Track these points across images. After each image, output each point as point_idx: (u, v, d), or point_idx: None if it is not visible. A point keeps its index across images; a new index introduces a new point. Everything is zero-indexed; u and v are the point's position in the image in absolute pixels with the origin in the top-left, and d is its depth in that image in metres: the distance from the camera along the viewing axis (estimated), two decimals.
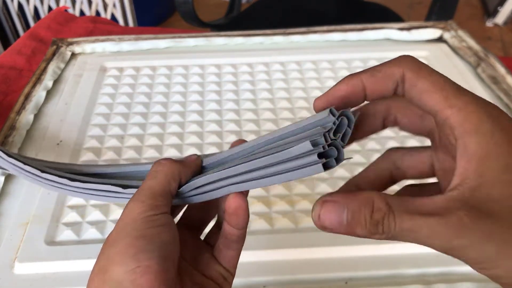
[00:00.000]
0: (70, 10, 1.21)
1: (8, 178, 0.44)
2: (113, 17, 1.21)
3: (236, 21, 1.06)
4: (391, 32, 0.66)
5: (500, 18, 1.87)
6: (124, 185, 0.25)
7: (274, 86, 0.58)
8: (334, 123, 0.19)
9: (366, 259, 0.37)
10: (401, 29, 0.66)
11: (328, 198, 0.18)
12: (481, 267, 0.16)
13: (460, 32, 0.65)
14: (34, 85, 0.55)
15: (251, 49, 0.65)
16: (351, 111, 0.19)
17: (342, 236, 0.38)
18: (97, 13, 1.23)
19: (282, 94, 0.56)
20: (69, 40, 0.64)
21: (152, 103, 0.55)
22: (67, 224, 0.40)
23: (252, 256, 0.37)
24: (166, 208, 0.21)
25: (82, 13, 1.23)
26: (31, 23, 1.28)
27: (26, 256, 0.37)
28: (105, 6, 1.22)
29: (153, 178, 0.22)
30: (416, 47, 0.65)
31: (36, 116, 0.53)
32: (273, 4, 1.11)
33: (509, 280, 0.16)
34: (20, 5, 1.26)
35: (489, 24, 1.90)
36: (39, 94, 0.54)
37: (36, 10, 1.27)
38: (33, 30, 0.70)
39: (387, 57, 0.64)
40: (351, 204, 0.17)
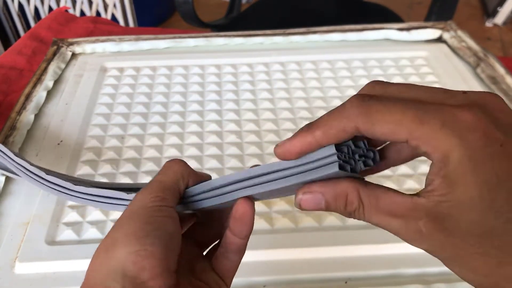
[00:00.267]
0: (71, 11, 1.21)
1: (8, 178, 0.45)
2: (114, 18, 1.21)
3: (236, 21, 1.06)
4: (390, 32, 0.66)
5: (500, 18, 1.87)
6: (127, 189, 0.25)
7: (274, 86, 0.58)
8: (349, 146, 0.18)
9: (366, 259, 0.37)
10: (401, 29, 0.66)
11: (306, 189, 0.20)
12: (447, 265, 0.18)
13: (460, 32, 0.65)
14: (34, 85, 0.55)
15: (251, 49, 0.65)
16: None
17: (342, 236, 0.38)
18: (98, 14, 1.23)
19: (282, 94, 0.56)
20: (69, 40, 0.64)
21: (152, 103, 0.55)
22: (68, 224, 0.40)
23: (252, 256, 0.37)
24: (173, 203, 0.22)
25: (82, 13, 1.24)
26: (32, 23, 1.28)
27: (27, 256, 0.37)
28: (105, 7, 1.22)
29: (163, 174, 0.23)
30: (415, 47, 0.65)
31: (37, 116, 0.53)
32: (273, 4, 1.11)
33: (475, 282, 0.18)
34: (20, 5, 1.26)
35: (488, 24, 1.91)
36: (40, 94, 0.54)
37: (36, 10, 1.27)
38: (34, 30, 0.70)
39: (387, 57, 0.65)
40: (327, 195, 0.19)
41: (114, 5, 1.20)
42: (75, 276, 0.36)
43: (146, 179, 0.45)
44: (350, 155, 0.18)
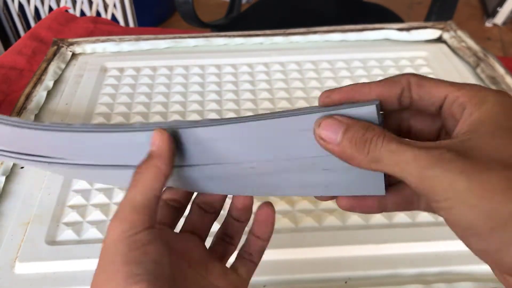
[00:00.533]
0: (71, 11, 1.21)
1: (9, 178, 0.45)
2: (114, 18, 1.21)
3: (236, 22, 1.06)
4: (390, 32, 0.66)
5: (500, 19, 1.87)
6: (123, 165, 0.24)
7: (274, 86, 0.58)
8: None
9: (366, 258, 0.37)
10: (401, 29, 0.66)
11: (334, 116, 0.20)
12: (442, 202, 0.17)
13: (460, 33, 0.65)
14: (34, 85, 0.55)
15: (251, 49, 0.65)
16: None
17: (342, 236, 0.38)
18: (98, 14, 1.23)
19: (282, 94, 0.56)
20: (69, 40, 0.64)
21: (152, 103, 0.55)
22: (68, 224, 0.40)
23: None
24: (150, 220, 0.20)
25: (82, 13, 1.24)
26: (32, 23, 1.28)
27: (27, 256, 0.37)
28: (105, 7, 1.22)
29: (133, 188, 0.21)
30: (415, 47, 0.65)
31: (37, 116, 0.53)
32: (273, 4, 1.11)
33: (475, 222, 0.16)
34: (20, 5, 1.26)
35: (488, 24, 1.91)
36: (40, 94, 0.54)
37: (36, 10, 1.27)
38: (34, 31, 0.70)
39: (386, 57, 0.65)
40: (350, 123, 0.19)
41: (114, 5, 1.21)
42: (75, 276, 0.36)
43: None
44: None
